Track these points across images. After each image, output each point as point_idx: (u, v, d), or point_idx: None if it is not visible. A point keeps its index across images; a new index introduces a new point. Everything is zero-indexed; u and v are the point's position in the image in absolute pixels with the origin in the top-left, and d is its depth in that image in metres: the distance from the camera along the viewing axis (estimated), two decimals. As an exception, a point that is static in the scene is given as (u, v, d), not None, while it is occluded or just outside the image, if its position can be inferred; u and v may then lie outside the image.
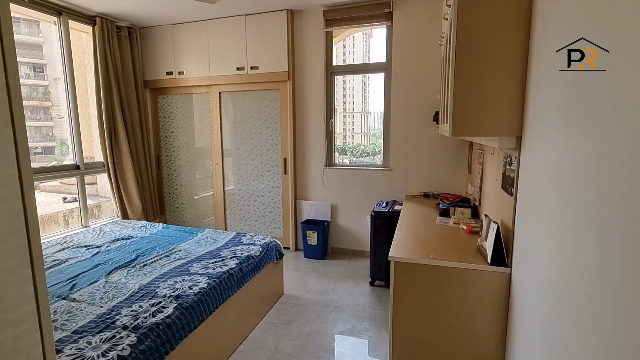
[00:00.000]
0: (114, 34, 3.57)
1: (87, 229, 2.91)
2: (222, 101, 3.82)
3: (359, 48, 15.29)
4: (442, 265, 1.62)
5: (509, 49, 1.36)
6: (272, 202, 3.79)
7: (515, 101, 1.40)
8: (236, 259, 2.21)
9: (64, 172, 3.36)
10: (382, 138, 3.50)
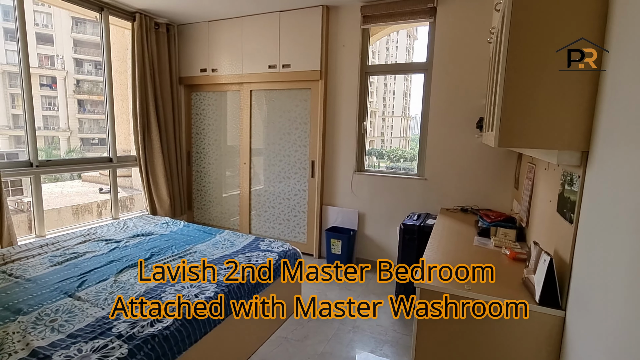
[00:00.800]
0: (153, 30, 3.62)
1: (111, 223, 2.94)
2: (252, 99, 3.75)
3: (402, 50, 14.81)
4: (478, 299, 1.36)
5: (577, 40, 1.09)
6: (297, 206, 3.65)
7: (582, 107, 1.12)
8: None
9: (97, 165, 3.46)
10: (417, 144, 3.23)
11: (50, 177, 6.03)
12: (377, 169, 3.55)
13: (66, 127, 23.04)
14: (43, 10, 24.65)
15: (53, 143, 25.90)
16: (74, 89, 23.40)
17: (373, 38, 3.48)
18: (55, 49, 23.81)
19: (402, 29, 6.51)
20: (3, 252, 2.22)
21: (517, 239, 2.03)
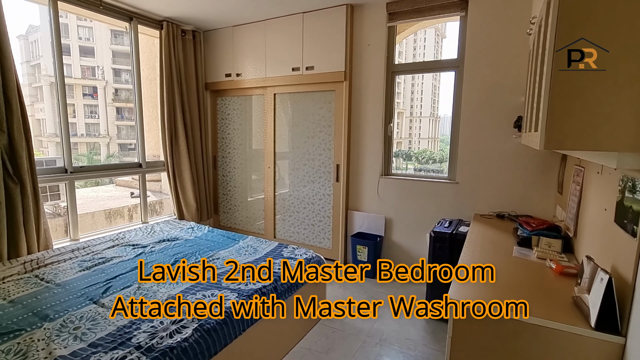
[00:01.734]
0: (179, 37, 3.69)
1: (139, 227, 3.00)
2: (276, 103, 3.71)
3: (430, 49, 14.32)
4: (519, 320, 1.21)
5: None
6: (322, 211, 3.57)
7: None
8: (272, 274, 2.02)
9: (127, 170, 3.55)
10: (449, 145, 3.06)
11: (90, 181, 6.36)
12: (405, 172, 3.39)
13: (106, 134, 24.48)
14: (85, 25, 26.34)
15: (94, 149, 27.51)
16: (113, 98, 24.79)
17: (399, 36, 3.35)
18: (96, 60, 25.36)
19: (431, 26, 6.29)
20: (38, 256, 2.30)
21: (563, 250, 1.83)
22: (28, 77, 27.54)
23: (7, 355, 1.28)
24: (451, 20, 2.95)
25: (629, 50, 0.97)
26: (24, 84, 28.83)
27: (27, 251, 2.54)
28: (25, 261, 2.20)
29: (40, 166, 2.89)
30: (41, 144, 25.84)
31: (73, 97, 26.75)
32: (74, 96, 26.72)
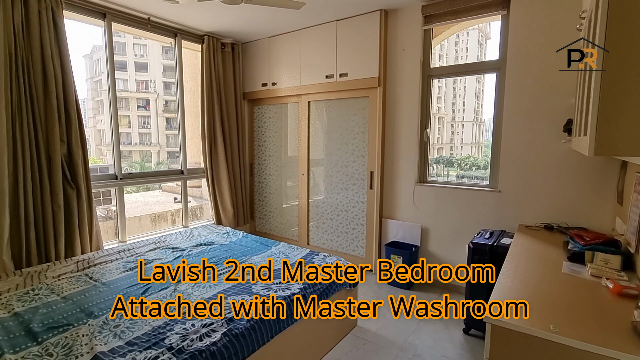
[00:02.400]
0: (219, 50, 3.86)
1: (180, 231, 3.15)
2: (310, 110, 3.75)
3: (473, 51, 13.73)
4: (569, 345, 1.09)
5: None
6: (355, 218, 3.52)
7: None
8: (303, 283, 2.01)
9: (170, 177, 3.76)
10: (490, 152, 2.89)
11: (141, 187, 6.85)
12: (443, 179, 3.25)
13: (156, 143, 26.32)
14: (140, 43, 28.71)
15: (146, 156, 29.62)
16: (163, 109, 26.60)
17: (437, 39, 3.24)
18: (149, 74, 27.46)
19: (473, 27, 6.04)
20: (89, 256, 2.49)
21: (623, 267, 1.63)
22: (91, 92, 30.47)
23: (55, 348, 1.39)
24: (491, 19, 2.80)
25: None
26: (88, 99, 31.84)
27: (80, 251, 2.76)
28: (79, 260, 2.39)
29: (95, 173, 3.15)
30: (101, 152, 28.37)
31: (129, 109, 29.10)
32: (129, 108, 29.06)
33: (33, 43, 2.52)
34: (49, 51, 2.57)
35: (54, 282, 2.02)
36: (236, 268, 2.23)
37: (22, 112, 2.45)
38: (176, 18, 3.35)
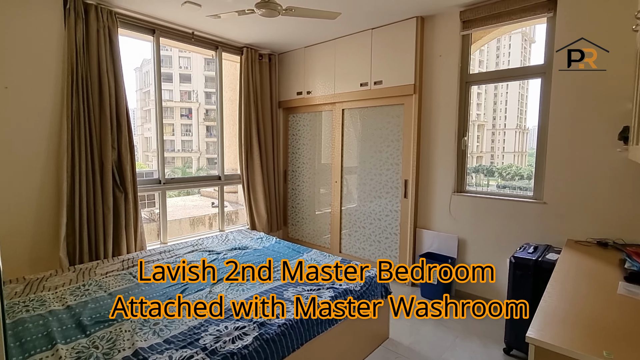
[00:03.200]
0: (257, 61, 4.00)
1: (216, 235, 3.26)
2: (344, 118, 3.76)
3: (516, 56, 13.09)
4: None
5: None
6: (388, 227, 3.45)
7: None
8: (333, 290, 2.00)
9: (209, 182, 3.92)
10: (534, 161, 2.72)
11: (182, 191, 7.26)
12: (483, 189, 3.11)
13: (197, 149, 27.69)
14: (185, 56, 30.51)
15: (187, 162, 31.20)
16: (204, 117, 27.98)
17: (476, 44, 3.14)
18: (192, 85, 29.05)
19: (516, 31, 5.78)
20: (133, 256, 2.65)
21: (692, 291, 1.46)
22: (140, 102, 32.77)
23: (100, 341, 1.49)
24: (536, 22, 2.67)
25: None
26: (137, 108, 34.18)
27: (126, 250, 2.95)
28: (124, 259, 2.55)
29: (141, 177, 3.36)
30: (147, 158, 30.33)
31: (173, 117, 30.91)
32: (173, 117, 30.86)
33: (91, 59, 2.76)
34: (105, 66, 2.81)
35: (101, 279, 2.17)
36: (269, 271, 2.27)
37: (80, 122, 2.68)
38: (217, 32, 3.52)
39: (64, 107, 2.62)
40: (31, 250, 2.58)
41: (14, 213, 2.49)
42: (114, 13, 2.85)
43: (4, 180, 2.43)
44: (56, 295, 1.95)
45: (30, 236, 2.57)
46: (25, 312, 1.73)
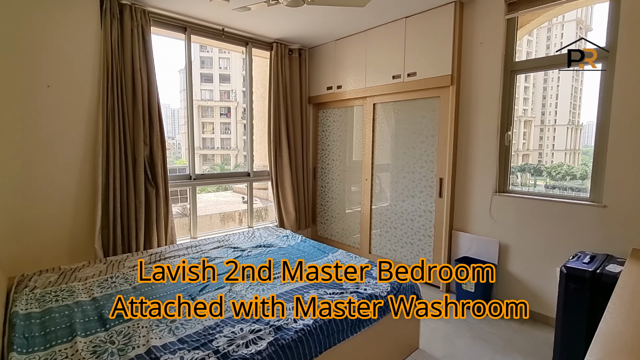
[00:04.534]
0: (286, 56, 3.94)
1: (243, 231, 3.24)
2: (375, 113, 3.59)
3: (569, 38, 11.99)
4: None
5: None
6: (422, 229, 3.24)
7: None
8: (357, 295, 1.87)
9: (238, 178, 3.93)
10: (591, 159, 2.40)
11: (219, 187, 7.48)
12: (533, 189, 2.81)
13: (235, 147, 28.64)
14: (224, 57, 31.65)
15: (225, 159, 32.39)
16: (242, 116, 28.90)
17: (522, 30, 2.84)
18: (231, 85, 30.03)
19: (567, 13, 5.24)
20: (162, 250, 2.69)
21: None
22: (184, 101, 34.57)
23: (118, 336, 1.48)
24: (594, 2, 2.34)
25: None
26: (181, 108, 35.83)
27: (157, 244, 3.02)
28: (152, 253, 2.60)
29: (174, 173, 3.43)
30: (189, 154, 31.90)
31: (212, 116, 32.17)
32: (213, 116, 32.12)
33: (125, 57, 2.84)
34: (138, 64, 2.87)
35: (128, 272, 2.20)
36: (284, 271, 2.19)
37: (114, 118, 2.76)
38: (247, 27, 3.50)
39: (99, 104, 2.71)
40: (70, 241, 2.70)
41: (56, 206, 2.62)
42: (147, 12, 2.91)
43: (47, 174, 2.56)
44: (85, 286, 2.00)
45: (70, 228, 2.69)
46: (55, 302, 1.78)
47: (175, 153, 37.58)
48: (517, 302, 2.68)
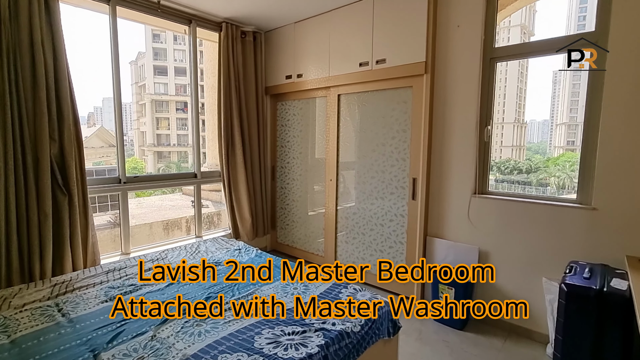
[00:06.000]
0: (239, 39, 3.42)
1: (186, 244, 2.70)
2: (340, 106, 3.19)
3: (560, 25, 12.18)
4: None
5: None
6: (393, 235, 2.91)
7: None
8: (322, 335, 1.45)
9: (182, 180, 3.36)
10: (577, 158, 2.18)
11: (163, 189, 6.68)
12: (509, 191, 2.56)
13: (192, 144, 27.27)
14: (180, 49, 29.87)
15: (182, 157, 30.67)
16: (200, 111, 27.52)
17: (502, 13, 2.57)
18: (187, 78, 28.50)
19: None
20: (71, 277, 2.09)
21: None
22: (136, 96, 32.08)
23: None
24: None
25: None
26: (133, 102, 33.68)
27: (72, 267, 2.40)
28: (56, 283, 1.99)
29: (102, 175, 2.80)
30: (143, 152, 29.70)
31: (168, 111, 30.26)
32: (169, 111, 30.22)
33: (21, 28, 2.19)
34: (39, 38, 2.23)
35: (13, 315, 1.61)
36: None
37: (5, 104, 2.11)
38: (190, 1, 2.93)
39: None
40: (-58, 270, 2.02)
41: None
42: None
43: None
44: (-63, 343, 1.39)
45: (-59, 252, 2.01)
46: None
47: (128, 150, 34.92)
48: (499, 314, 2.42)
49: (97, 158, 20.32)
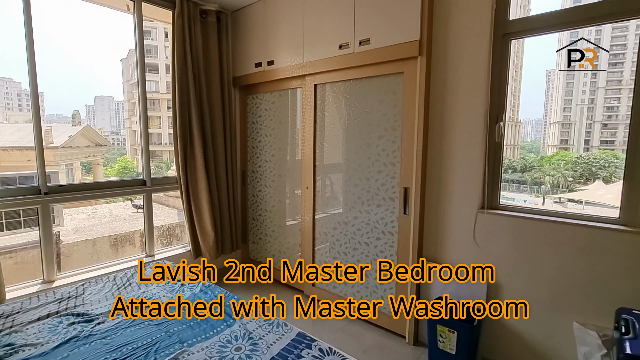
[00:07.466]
0: (198, 19, 2.85)
1: (115, 276, 2.12)
2: (317, 98, 2.64)
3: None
4: None
5: None
6: (380, 256, 2.36)
7: None
8: None
9: (128, 189, 2.79)
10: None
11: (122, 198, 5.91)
12: (527, 204, 2.02)
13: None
14: (170, 45, 29.14)
15: (173, 157, 29.98)
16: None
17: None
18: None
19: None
20: None
21: None
22: (128, 94, 31.32)
23: None
24: None
25: None
26: (125, 100, 33.14)
27: (-42, 307, 1.83)
28: None
29: (28, 184, 2.24)
30: (135, 152, 28.98)
31: (160, 110, 29.57)
32: (160, 109, 29.53)
33: None
34: None
35: None
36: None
37: None
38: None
39: None
40: None
41: None
42: None
43: None
44: None
45: None
46: None
47: (120, 149, 34.11)
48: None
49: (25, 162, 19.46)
